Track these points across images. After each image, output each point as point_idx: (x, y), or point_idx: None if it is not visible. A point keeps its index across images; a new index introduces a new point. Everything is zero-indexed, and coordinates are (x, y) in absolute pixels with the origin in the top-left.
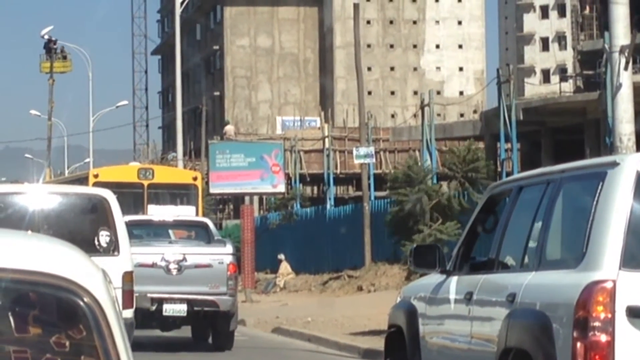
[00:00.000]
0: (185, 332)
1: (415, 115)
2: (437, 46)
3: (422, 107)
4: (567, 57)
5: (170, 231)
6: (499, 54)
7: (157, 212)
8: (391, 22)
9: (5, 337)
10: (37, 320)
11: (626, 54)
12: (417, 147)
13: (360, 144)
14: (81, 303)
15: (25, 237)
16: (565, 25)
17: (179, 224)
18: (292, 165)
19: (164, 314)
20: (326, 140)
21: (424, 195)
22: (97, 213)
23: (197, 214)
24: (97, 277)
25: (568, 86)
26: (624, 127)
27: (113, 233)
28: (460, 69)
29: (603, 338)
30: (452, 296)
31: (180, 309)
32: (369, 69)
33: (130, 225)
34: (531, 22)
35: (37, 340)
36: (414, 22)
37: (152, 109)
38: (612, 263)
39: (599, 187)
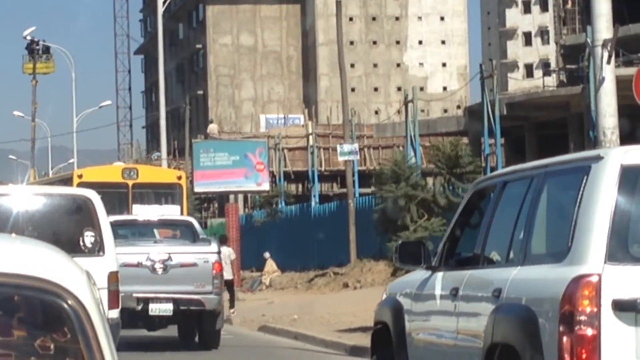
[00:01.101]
0: (172, 331)
1: (399, 112)
2: (420, 42)
3: (405, 103)
4: (550, 51)
5: (155, 231)
6: (482, 49)
7: (141, 212)
8: (374, 18)
9: None
10: (21, 324)
11: (609, 48)
12: (401, 144)
13: (344, 141)
14: (65, 306)
15: (9, 240)
16: (547, 19)
17: (163, 224)
18: (276, 163)
19: (150, 313)
20: (310, 137)
21: (409, 191)
22: (82, 213)
23: (181, 213)
24: (81, 280)
25: (551, 80)
26: (608, 120)
27: (98, 233)
28: (444, 64)
29: (589, 332)
30: (438, 292)
31: (166, 308)
32: (352, 65)
33: (115, 225)
34: (513, 17)
35: (21, 343)
36: (397, 19)
37: (135, 108)
38: (597, 257)
39: (583, 181)
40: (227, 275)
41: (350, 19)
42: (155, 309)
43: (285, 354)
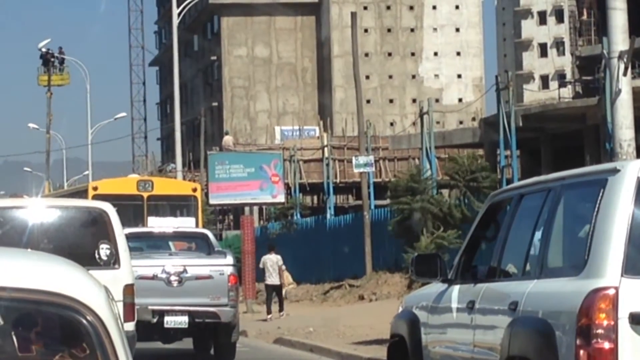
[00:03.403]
0: (187, 344)
1: (414, 123)
2: (435, 54)
3: (421, 115)
4: (566, 62)
5: (171, 243)
6: (497, 60)
7: (157, 224)
8: (389, 30)
9: (8, 356)
10: (40, 339)
11: (625, 60)
12: (417, 155)
13: (360, 152)
14: (84, 321)
15: (27, 256)
16: (563, 30)
17: (179, 236)
18: (291, 175)
19: (166, 326)
20: (325, 149)
21: (426, 204)
22: (97, 226)
23: (197, 225)
24: (100, 295)
25: (567, 92)
26: (624, 133)
27: (113, 246)
28: (459, 76)
29: (606, 345)
30: (454, 305)
31: (182, 321)
32: (367, 77)
33: (130, 238)
34: (529, 28)
35: (40, 358)
36: (412, 30)
37: (150, 120)
38: (614, 270)
39: (600, 194)
40: (275, 281)
41: (366, 30)
42: (170, 321)
43: None
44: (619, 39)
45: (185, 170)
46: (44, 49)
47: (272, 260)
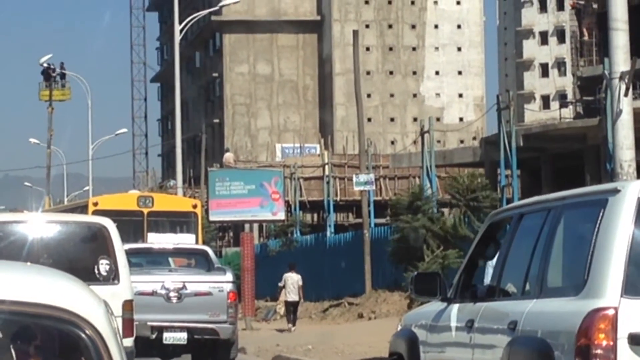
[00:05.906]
0: None
1: (415, 142)
2: (437, 72)
3: (421, 134)
4: (567, 83)
5: (170, 259)
6: (499, 80)
7: (156, 240)
8: (390, 48)
9: None
10: (39, 353)
11: (626, 80)
12: (417, 174)
13: (360, 171)
14: (83, 335)
15: (27, 270)
16: (564, 51)
17: (178, 252)
18: (291, 192)
19: (164, 342)
20: (326, 167)
21: (426, 223)
22: (97, 241)
23: (196, 242)
24: (99, 309)
25: (568, 112)
26: (625, 153)
27: (113, 261)
28: (460, 95)
29: None
30: (453, 324)
31: (181, 337)
32: (369, 95)
33: (130, 254)
34: (531, 48)
35: None
36: (414, 49)
37: (151, 136)
38: (613, 290)
39: (600, 214)
40: (294, 297)
41: (367, 48)
42: (169, 337)
43: None
44: (620, 59)
45: (185, 187)
46: (45, 64)
47: (292, 279)
